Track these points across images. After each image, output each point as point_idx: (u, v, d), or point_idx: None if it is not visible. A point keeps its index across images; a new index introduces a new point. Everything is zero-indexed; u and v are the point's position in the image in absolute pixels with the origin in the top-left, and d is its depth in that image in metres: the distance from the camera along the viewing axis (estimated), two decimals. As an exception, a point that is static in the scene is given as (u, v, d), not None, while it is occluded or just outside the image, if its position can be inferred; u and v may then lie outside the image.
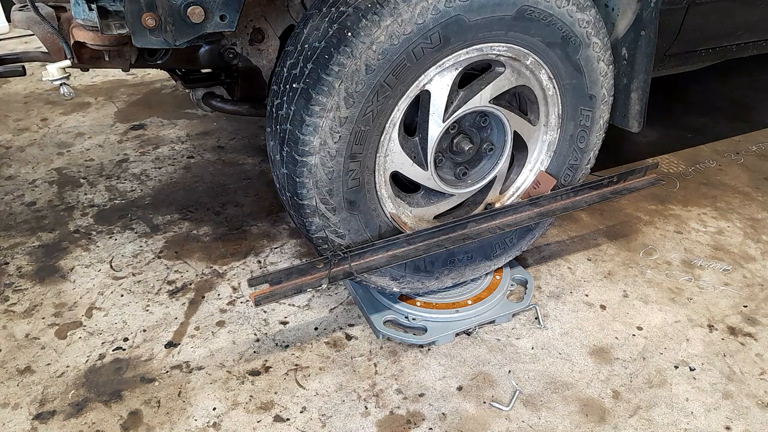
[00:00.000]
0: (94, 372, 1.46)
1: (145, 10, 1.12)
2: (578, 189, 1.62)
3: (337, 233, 1.38)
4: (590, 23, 1.42)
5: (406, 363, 1.50)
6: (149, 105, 3.00)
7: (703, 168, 2.47)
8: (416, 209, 1.53)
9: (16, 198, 2.20)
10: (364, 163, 1.33)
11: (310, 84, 1.23)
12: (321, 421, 1.34)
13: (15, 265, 1.84)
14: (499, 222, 1.52)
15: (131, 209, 2.13)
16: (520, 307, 1.64)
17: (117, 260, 1.86)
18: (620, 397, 1.42)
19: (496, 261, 1.68)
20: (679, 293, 1.76)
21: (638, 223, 2.09)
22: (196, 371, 1.47)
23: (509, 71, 1.43)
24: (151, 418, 1.34)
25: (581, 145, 1.61)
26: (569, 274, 1.83)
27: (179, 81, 1.84)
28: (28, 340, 1.56)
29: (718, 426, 1.35)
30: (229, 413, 1.36)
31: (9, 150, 2.54)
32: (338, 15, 1.23)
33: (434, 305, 1.61)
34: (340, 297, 1.71)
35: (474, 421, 1.35)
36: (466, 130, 1.50)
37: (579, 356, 1.53)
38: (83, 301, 1.69)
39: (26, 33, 3.83)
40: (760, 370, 1.51)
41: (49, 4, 1.55)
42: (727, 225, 2.09)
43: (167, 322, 1.62)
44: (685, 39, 1.77)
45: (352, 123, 1.25)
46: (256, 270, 1.83)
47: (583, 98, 1.53)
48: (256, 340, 1.56)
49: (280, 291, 1.30)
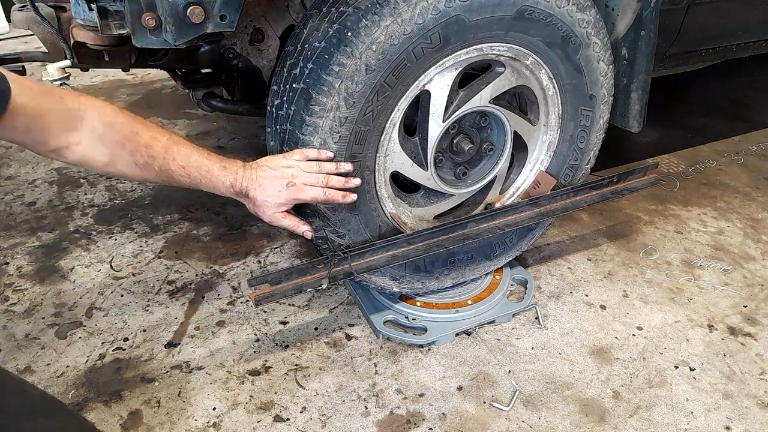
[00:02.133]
0: (94, 372, 1.46)
1: (145, 10, 1.12)
2: (578, 189, 1.62)
3: (337, 233, 1.38)
4: (590, 23, 1.42)
5: (406, 363, 1.50)
6: (149, 105, 3.00)
7: (703, 168, 2.47)
8: (416, 209, 1.53)
9: (16, 198, 2.20)
10: (364, 163, 1.33)
11: (310, 84, 1.23)
12: (321, 421, 1.34)
13: (15, 265, 1.84)
14: (499, 222, 1.52)
15: (131, 209, 2.13)
16: (520, 307, 1.64)
17: (117, 260, 1.86)
18: (620, 397, 1.42)
19: (496, 261, 1.68)
20: (679, 293, 1.76)
21: (638, 223, 2.09)
22: (196, 371, 1.47)
23: (509, 71, 1.43)
24: (151, 418, 1.34)
25: (581, 145, 1.61)
26: (569, 274, 1.83)
27: (179, 81, 1.84)
28: (28, 340, 1.56)
29: (718, 426, 1.35)
30: (229, 413, 1.36)
31: (9, 150, 2.54)
32: (338, 15, 1.23)
33: (434, 305, 1.61)
34: (340, 297, 1.71)
35: (474, 421, 1.35)
36: (466, 130, 1.50)
37: (579, 356, 1.53)
38: (83, 301, 1.69)
39: (26, 33, 3.83)
40: (760, 370, 1.51)
41: (49, 4, 1.55)
42: (727, 225, 2.09)
43: (167, 322, 1.62)
44: (685, 39, 1.77)
45: (352, 123, 1.25)
46: (256, 270, 1.83)
47: (583, 98, 1.53)
48: (256, 340, 1.56)
49: (280, 291, 1.30)
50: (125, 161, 1.09)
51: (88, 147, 1.05)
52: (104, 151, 1.07)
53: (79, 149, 1.04)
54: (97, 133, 1.05)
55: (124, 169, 1.11)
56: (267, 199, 1.21)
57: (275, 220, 1.25)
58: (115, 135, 1.07)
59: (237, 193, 1.21)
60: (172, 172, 1.14)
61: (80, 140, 1.04)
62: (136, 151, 1.09)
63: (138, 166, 1.11)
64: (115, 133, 1.07)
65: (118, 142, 1.07)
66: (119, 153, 1.08)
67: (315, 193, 1.23)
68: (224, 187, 1.19)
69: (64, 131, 1.01)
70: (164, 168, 1.13)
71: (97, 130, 1.04)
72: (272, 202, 1.22)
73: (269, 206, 1.22)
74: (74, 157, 1.06)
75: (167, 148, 1.12)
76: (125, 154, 1.08)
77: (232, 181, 1.19)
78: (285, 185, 1.21)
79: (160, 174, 1.14)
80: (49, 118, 0.99)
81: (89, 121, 1.04)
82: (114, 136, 1.06)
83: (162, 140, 1.12)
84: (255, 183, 1.21)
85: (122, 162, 1.09)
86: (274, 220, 1.25)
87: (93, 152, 1.06)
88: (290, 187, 1.21)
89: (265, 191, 1.21)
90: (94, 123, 1.04)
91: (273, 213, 1.23)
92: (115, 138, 1.07)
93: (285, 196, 1.22)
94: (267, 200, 1.22)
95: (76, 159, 1.06)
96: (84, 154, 1.05)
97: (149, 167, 1.12)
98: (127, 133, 1.08)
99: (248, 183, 1.20)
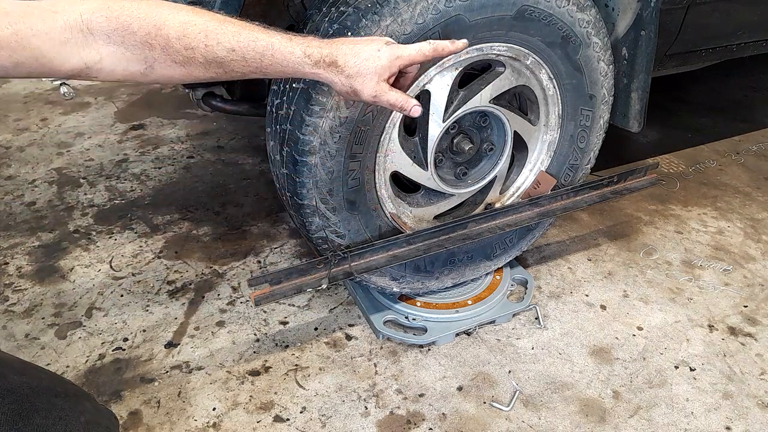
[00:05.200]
0: (94, 372, 1.46)
1: (145, 9, 1.12)
2: (578, 189, 1.62)
3: (337, 233, 1.38)
4: (590, 23, 1.42)
5: (406, 363, 1.49)
6: (149, 105, 3.00)
7: (703, 168, 2.47)
8: (416, 209, 1.53)
9: (16, 198, 2.20)
10: (364, 163, 1.33)
11: (310, 84, 1.23)
12: (321, 421, 1.34)
13: (15, 265, 1.84)
14: (499, 222, 1.52)
15: (131, 209, 2.13)
16: (520, 307, 1.64)
17: (117, 260, 1.86)
18: (620, 398, 1.42)
19: (496, 261, 1.68)
20: (680, 293, 1.76)
21: (638, 223, 2.09)
22: (196, 371, 1.47)
23: (509, 71, 1.43)
24: (150, 418, 1.34)
25: (581, 145, 1.61)
26: (569, 274, 1.83)
27: (179, 81, 1.83)
28: (28, 340, 1.55)
29: (718, 426, 1.35)
30: (229, 413, 1.36)
31: (9, 150, 2.54)
32: (338, 15, 1.23)
33: (434, 305, 1.61)
34: (340, 297, 1.71)
35: (474, 421, 1.35)
36: (466, 130, 1.50)
37: (579, 356, 1.53)
38: (83, 301, 1.69)
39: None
40: (761, 370, 1.50)
41: (49, 3, 1.54)
42: (728, 225, 2.09)
43: (167, 322, 1.62)
44: (685, 39, 1.77)
45: (352, 123, 1.25)
46: (256, 270, 1.83)
47: (583, 98, 1.53)
48: (256, 341, 1.56)
49: (280, 291, 1.30)
50: (162, 63, 0.89)
51: (113, 60, 0.87)
52: (133, 59, 0.88)
53: (104, 66, 0.87)
54: (114, 40, 0.85)
55: (167, 72, 0.91)
56: (365, 64, 0.94)
57: (380, 92, 0.97)
58: (136, 36, 0.86)
59: (317, 64, 0.94)
60: (222, 60, 0.91)
61: (100, 56, 0.86)
62: (169, 47, 0.88)
63: (179, 63, 0.90)
64: (135, 34, 0.86)
65: (143, 42, 0.87)
66: (151, 54, 0.88)
67: (420, 46, 0.98)
68: (296, 60, 0.93)
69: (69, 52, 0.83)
70: (210, 58, 0.90)
71: (112, 37, 0.85)
72: (372, 67, 0.95)
73: (369, 74, 0.95)
74: (103, 75, 0.88)
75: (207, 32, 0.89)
76: (158, 54, 0.88)
77: (306, 50, 0.93)
78: (383, 43, 0.97)
79: (209, 66, 0.91)
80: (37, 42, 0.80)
81: (100, 30, 0.84)
82: (135, 38, 0.86)
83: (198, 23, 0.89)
84: (343, 47, 0.95)
85: (160, 65, 0.89)
86: (380, 93, 0.97)
87: (121, 65, 0.88)
88: (390, 44, 0.97)
89: (359, 54, 0.94)
90: (105, 30, 0.85)
91: (377, 83, 0.96)
92: (139, 39, 0.86)
93: (386, 55, 0.95)
94: (365, 65, 0.94)
95: (106, 76, 0.89)
96: (111, 69, 0.88)
97: (192, 62, 0.90)
98: (149, 28, 0.86)
99: (333, 48, 0.94)
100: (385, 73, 0.96)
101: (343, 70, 0.95)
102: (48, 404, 0.82)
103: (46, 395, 0.84)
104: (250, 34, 0.92)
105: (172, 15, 0.88)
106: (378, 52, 0.95)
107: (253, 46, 0.91)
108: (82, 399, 0.92)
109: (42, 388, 0.85)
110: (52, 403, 0.83)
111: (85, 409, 0.89)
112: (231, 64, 0.92)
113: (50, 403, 0.83)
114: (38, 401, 0.81)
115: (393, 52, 0.96)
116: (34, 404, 0.80)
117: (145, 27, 0.86)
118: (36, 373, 0.90)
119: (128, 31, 0.85)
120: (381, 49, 0.95)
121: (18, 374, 0.84)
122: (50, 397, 0.84)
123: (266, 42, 0.92)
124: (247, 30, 0.92)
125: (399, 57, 0.97)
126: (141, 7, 0.86)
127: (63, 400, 0.86)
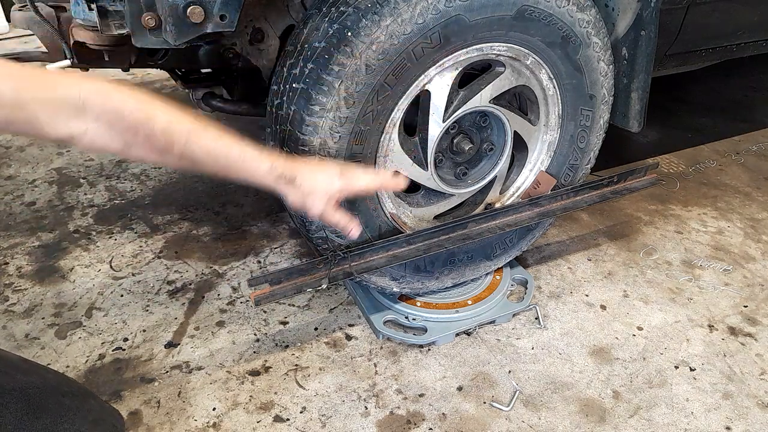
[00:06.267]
0: (94, 372, 1.46)
1: (145, 10, 1.12)
2: (578, 189, 1.62)
3: (337, 233, 1.38)
4: (590, 23, 1.42)
5: (406, 363, 1.49)
6: (149, 105, 3.00)
7: (703, 168, 2.47)
8: (416, 209, 1.53)
9: (15, 198, 2.20)
10: (364, 163, 1.33)
11: (310, 84, 1.23)
12: (321, 421, 1.34)
13: (15, 265, 1.84)
14: (500, 222, 1.52)
15: (131, 209, 2.13)
16: (520, 307, 1.64)
17: (117, 260, 1.86)
18: (620, 398, 1.42)
19: (496, 261, 1.68)
20: (680, 293, 1.76)
21: (638, 223, 2.09)
22: (196, 371, 1.47)
23: (509, 71, 1.43)
24: (150, 418, 1.34)
25: (581, 145, 1.61)
26: (569, 274, 1.83)
27: (179, 81, 1.84)
28: (28, 340, 1.55)
29: (718, 426, 1.35)
30: (229, 413, 1.36)
31: (9, 150, 2.54)
32: (338, 15, 1.23)
33: (434, 305, 1.61)
34: (340, 297, 1.71)
35: (474, 421, 1.35)
36: (466, 130, 1.50)
37: (579, 356, 1.53)
38: (83, 301, 1.69)
39: (26, 33, 3.83)
40: (761, 370, 1.50)
41: (49, 4, 1.55)
42: (728, 225, 2.09)
43: (167, 322, 1.62)
44: (685, 39, 1.77)
45: (352, 123, 1.25)
46: (256, 270, 1.83)
47: (583, 98, 1.53)
48: (256, 341, 1.56)
49: (280, 291, 1.30)
50: (141, 147, 0.98)
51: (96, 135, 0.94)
52: (115, 139, 0.95)
53: (87, 138, 0.93)
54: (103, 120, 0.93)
55: (142, 155, 1.00)
56: (318, 187, 1.09)
57: (327, 213, 1.13)
58: (125, 122, 0.95)
59: (278, 179, 1.07)
60: (196, 158, 1.02)
61: (86, 129, 0.93)
62: (152, 137, 0.97)
63: (156, 152, 0.99)
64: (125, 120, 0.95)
65: (129, 128, 0.96)
66: (132, 139, 0.96)
67: (368, 179, 1.15)
68: (262, 172, 1.05)
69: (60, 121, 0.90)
70: (186, 154, 1.01)
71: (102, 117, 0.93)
72: (323, 190, 1.09)
73: (320, 196, 1.10)
74: (83, 146, 0.96)
75: (190, 132, 1.00)
76: (140, 140, 0.97)
77: (271, 165, 1.06)
78: (337, 173, 1.11)
79: (182, 159, 1.02)
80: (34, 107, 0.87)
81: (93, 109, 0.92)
82: (124, 123, 0.95)
83: (184, 124, 1.00)
84: (302, 168, 1.08)
85: (137, 148, 0.98)
86: (326, 214, 1.13)
87: (102, 140, 0.95)
88: (343, 175, 1.11)
89: (315, 177, 1.09)
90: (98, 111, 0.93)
91: (325, 204, 1.11)
92: (126, 125, 0.95)
93: (338, 186, 1.11)
94: (319, 188, 1.09)
95: (85, 147, 0.96)
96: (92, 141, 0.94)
97: (168, 153, 1.00)
98: (140, 118, 0.96)
99: (294, 168, 1.07)
100: (334, 197, 1.11)
101: (299, 187, 1.08)
102: (56, 403, 0.83)
103: (53, 394, 0.85)
104: (227, 143, 1.03)
105: (161, 111, 0.98)
106: (331, 179, 1.10)
107: (227, 152, 1.03)
108: (88, 398, 0.92)
109: (49, 387, 0.86)
110: (60, 402, 0.84)
111: (92, 407, 0.90)
112: (203, 162, 1.03)
113: (58, 402, 0.84)
114: (46, 400, 0.82)
115: (345, 184, 1.11)
116: (42, 403, 0.81)
117: (135, 116, 0.95)
118: (42, 372, 0.91)
119: (119, 116, 0.94)
120: (334, 178, 1.10)
121: (24, 374, 0.85)
122: (57, 396, 0.85)
123: (239, 152, 1.03)
124: (224, 138, 1.03)
125: (348, 189, 1.13)
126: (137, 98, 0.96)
127: (70, 399, 0.87)
